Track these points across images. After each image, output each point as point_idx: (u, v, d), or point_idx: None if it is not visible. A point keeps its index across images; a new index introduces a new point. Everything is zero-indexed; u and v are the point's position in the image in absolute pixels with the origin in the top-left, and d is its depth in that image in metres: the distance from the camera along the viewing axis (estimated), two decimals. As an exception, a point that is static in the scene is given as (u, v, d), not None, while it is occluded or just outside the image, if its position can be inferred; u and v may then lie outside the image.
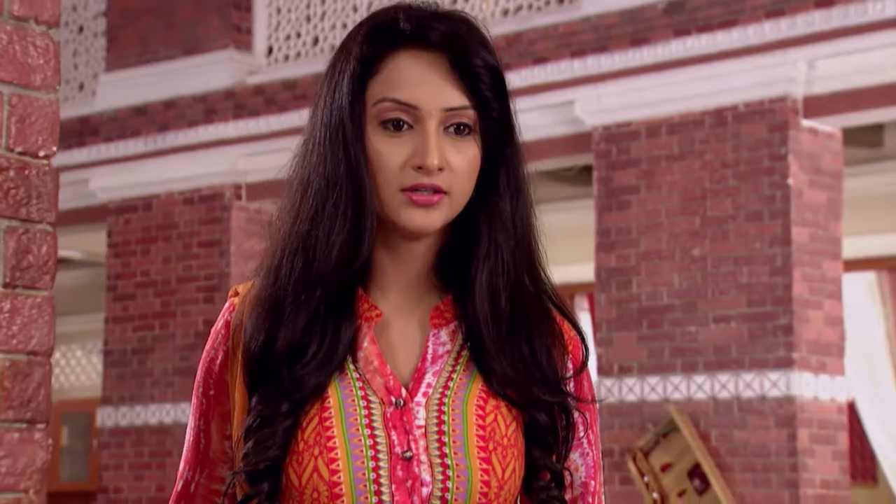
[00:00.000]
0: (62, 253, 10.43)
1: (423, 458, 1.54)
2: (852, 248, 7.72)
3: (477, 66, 1.58)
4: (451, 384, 1.58)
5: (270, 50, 8.40)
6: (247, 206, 8.20)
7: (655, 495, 6.58)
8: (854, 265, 8.27)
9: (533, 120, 7.10)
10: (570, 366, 1.64)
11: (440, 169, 1.56)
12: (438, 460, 1.54)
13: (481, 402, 1.58)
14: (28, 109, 1.62)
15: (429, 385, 1.58)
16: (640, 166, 6.84)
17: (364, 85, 1.58)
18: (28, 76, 1.62)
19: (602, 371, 6.84)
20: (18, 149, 1.61)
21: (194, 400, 1.66)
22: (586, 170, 7.75)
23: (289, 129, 7.99)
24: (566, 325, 1.66)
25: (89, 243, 9.73)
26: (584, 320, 9.36)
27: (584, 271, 7.67)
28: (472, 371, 1.60)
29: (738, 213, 6.58)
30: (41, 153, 1.63)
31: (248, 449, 1.56)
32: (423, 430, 1.55)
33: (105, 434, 8.39)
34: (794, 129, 6.56)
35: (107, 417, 8.38)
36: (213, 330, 1.66)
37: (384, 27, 1.60)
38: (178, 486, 1.65)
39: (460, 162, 1.57)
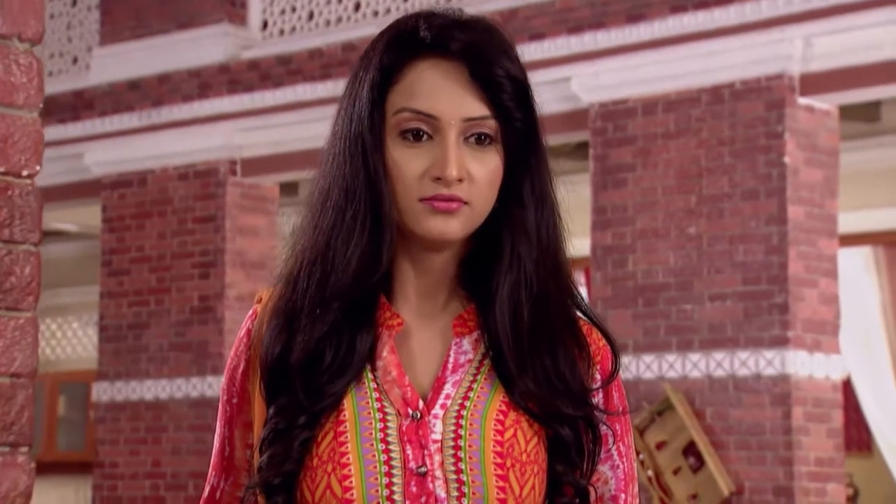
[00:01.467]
0: (57, 225, 10.42)
1: (438, 473, 1.52)
2: (849, 223, 7.71)
3: (498, 75, 1.55)
4: (471, 395, 1.56)
5: (265, 24, 8.35)
6: (242, 182, 8.17)
7: (650, 473, 6.59)
8: (850, 240, 8.27)
9: (529, 97, 7.07)
10: (597, 377, 1.62)
11: (460, 180, 1.54)
12: (454, 476, 1.52)
13: (501, 417, 1.55)
14: (11, 129, 1.60)
15: (447, 396, 1.56)
16: (636, 144, 6.82)
17: (384, 94, 1.57)
18: (11, 95, 1.60)
19: (597, 349, 6.84)
20: (1, 168, 1.59)
21: (220, 406, 1.65)
22: (583, 144, 7.72)
23: (284, 104, 7.96)
24: (595, 335, 1.64)
25: (84, 216, 9.72)
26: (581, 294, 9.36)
27: (580, 246, 7.66)
28: (493, 381, 1.57)
29: (734, 192, 6.56)
30: (24, 173, 1.61)
31: (262, 462, 1.55)
32: (439, 444, 1.53)
33: (101, 409, 8.40)
34: (790, 107, 6.53)
35: (102, 392, 8.39)
36: (237, 337, 1.65)
37: (405, 36, 1.58)
38: (206, 491, 1.65)
39: (481, 172, 1.55)
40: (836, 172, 6.69)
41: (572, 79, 7.00)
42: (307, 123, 7.75)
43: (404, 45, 1.57)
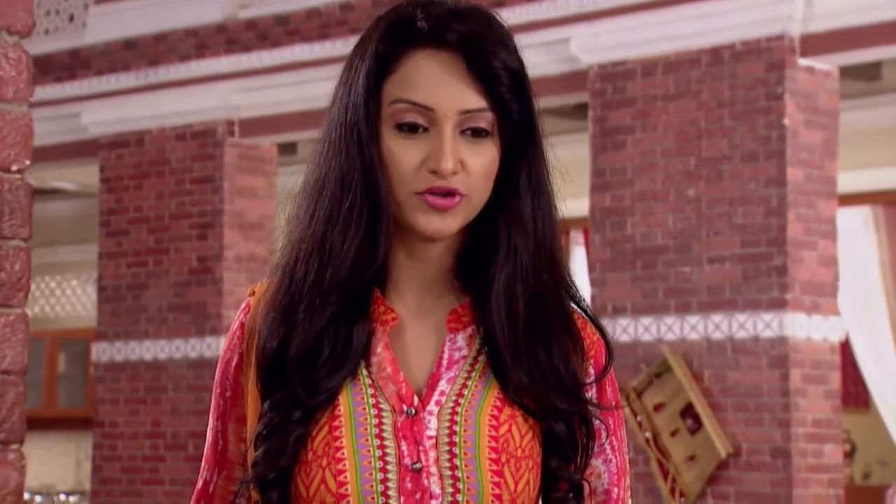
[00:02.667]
0: (55, 183, 10.40)
1: (433, 469, 1.52)
2: (848, 182, 7.69)
3: (495, 67, 1.54)
4: (465, 391, 1.56)
5: (263, -17, 8.30)
6: (240, 143, 8.15)
7: (648, 434, 6.61)
8: (850, 199, 8.25)
9: (528, 58, 7.01)
10: (591, 371, 1.61)
11: (455, 173, 1.53)
12: (449, 472, 1.52)
13: (495, 412, 1.55)
14: (0, 123, 1.59)
15: (442, 393, 1.55)
16: (635, 106, 6.79)
17: (380, 84, 1.55)
18: (0, 88, 1.59)
19: (596, 311, 6.83)
20: (-10, 163, 1.58)
21: (213, 400, 1.65)
22: (581, 105, 7.69)
23: (281, 64, 7.92)
24: (589, 329, 1.63)
25: (82, 175, 9.70)
26: (579, 255, 9.37)
27: (579, 206, 7.65)
28: (488, 377, 1.57)
29: (734, 154, 6.54)
30: (14, 167, 1.60)
31: (257, 457, 1.55)
32: (433, 440, 1.53)
33: (100, 369, 8.42)
34: (790, 68, 6.50)
35: (102, 352, 8.40)
36: (229, 330, 1.64)
37: (401, 25, 1.56)
38: (199, 484, 1.65)
39: (477, 164, 1.54)
40: (835, 134, 6.67)
41: (571, 40, 6.96)
42: (305, 84, 7.71)
43: (401, 34, 1.56)
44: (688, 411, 6.51)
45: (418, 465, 1.52)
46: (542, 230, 1.58)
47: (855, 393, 10.40)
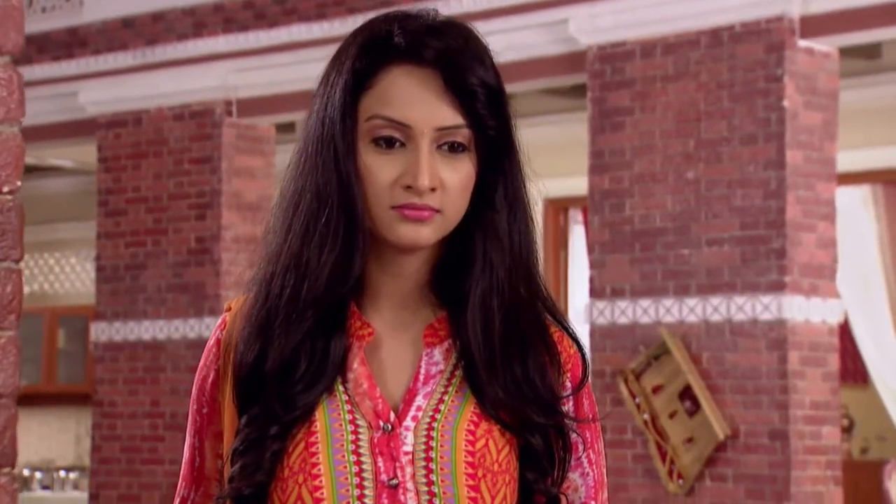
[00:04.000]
0: (53, 161, 10.38)
1: (410, 485, 1.52)
2: (848, 161, 7.67)
3: (472, 84, 1.54)
4: (441, 407, 1.56)
5: (260, -39, 8.25)
6: (238, 123, 8.12)
7: (646, 416, 6.62)
8: (849, 178, 8.23)
9: (526, 39, 7.00)
10: (568, 384, 1.61)
11: (432, 189, 1.53)
12: (425, 488, 1.52)
13: (472, 427, 1.55)
14: (-10, 144, 1.58)
15: (419, 408, 1.56)
16: (634, 87, 6.76)
17: (356, 99, 1.55)
18: (-10, 109, 1.58)
19: (594, 293, 6.84)
20: (-20, 185, 1.57)
21: (190, 416, 1.65)
22: (578, 84, 7.67)
23: (279, 44, 7.89)
24: (566, 342, 1.63)
25: (80, 153, 9.68)
26: (578, 234, 9.35)
27: (578, 185, 7.63)
28: (465, 391, 1.57)
29: (733, 136, 6.52)
30: (5, 188, 1.59)
31: (234, 472, 1.55)
32: (410, 456, 1.53)
33: (99, 348, 8.42)
34: (790, 50, 6.47)
35: (101, 332, 8.40)
36: (206, 346, 1.65)
37: (378, 41, 1.56)
38: (176, 502, 1.65)
39: (453, 180, 1.54)
40: (835, 115, 6.64)
41: (570, 21, 6.93)
42: (302, 64, 7.68)
43: (378, 50, 1.56)
44: (686, 393, 6.52)
45: (395, 482, 1.52)
46: (518, 244, 1.59)
47: (854, 369, 10.41)
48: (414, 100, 1.53)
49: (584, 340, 6.14)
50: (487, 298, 1.56)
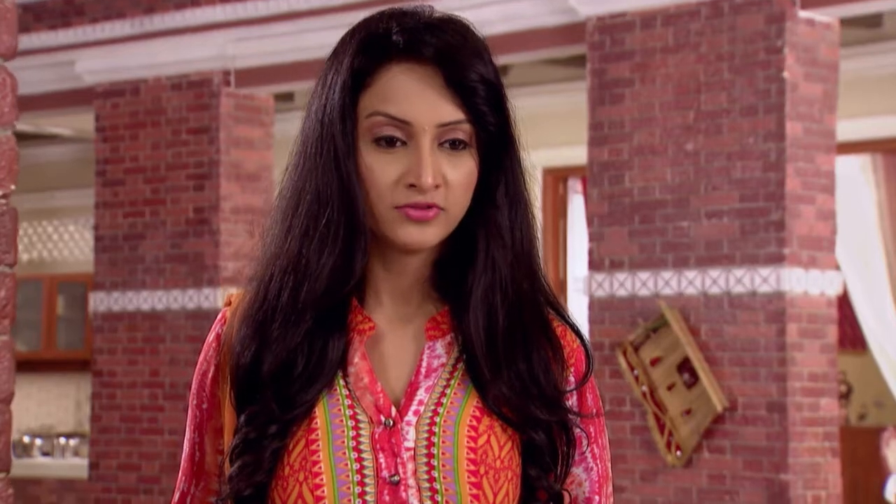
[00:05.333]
0: (50, 129, 10.34)
1: (412, 482, 1.52)
2: (848, 130, 7.65)
3: (472, 80, 1.53)
4: (444, 401, 1.56)
5: (258, -71, 8.19)
6: (236, 93, 8.09)
7: (644, 388, 6.63)
8: (849, 148, 8.21)
9: (525, 9, 6.97)
10: (571, 379, 1.61)
11: (436, 187, 1.52)
12: (427, 485, 1.52)
13: (474, 423, 1.55)
14: (-16, 148, 1.57)
15: (420, 402, 1.55)
16: (633, 59, 6.73)
17: (355, 98, 1.55)
18: (-17, 112, 1.56)
19: (593, 266, 6.84)
20: (-26, 189, 1.56)
21: (189, 411, 1.65)
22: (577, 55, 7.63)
23: (277, 14, 7.84)
24: (568, 336, 1.63)
25: (78, 121, 9.65)
26: (577, 203, 9.34)
27: (577, 154, 7.61)
28: (467, 385, 1.57)
29: (733, 107, 6.50)
30: (-1, 192, 1.58)
31: (233, 472, 1.54)
32: (412, 452, 1.53)
33: (98, 318, 8.42)
34: (790, 21, 6.44)
35: (99, 302, 8.40)
36: (205, 342, 1.64)
37: (376, 39, 1.55)
38: (175, 497, 1.65)
39: (456, 177, 1.54)
40: (835, 87, 6.61)
41: (570, -9, 6.89)
42: (301, 34, 7.65)
43: (376, 48, 1.55)
44: (684, 366, 6.52)
45: (396, 478, 1.52)
46: (520, 240, 1.58)
47: (852, 335, 10.43)
48: (414, 97, 1.52)
49: (583, 313, 6.11)
50: (490, 295, 1.56)
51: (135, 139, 8.25)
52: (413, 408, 1.55)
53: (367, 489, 1.52)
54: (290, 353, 1.54)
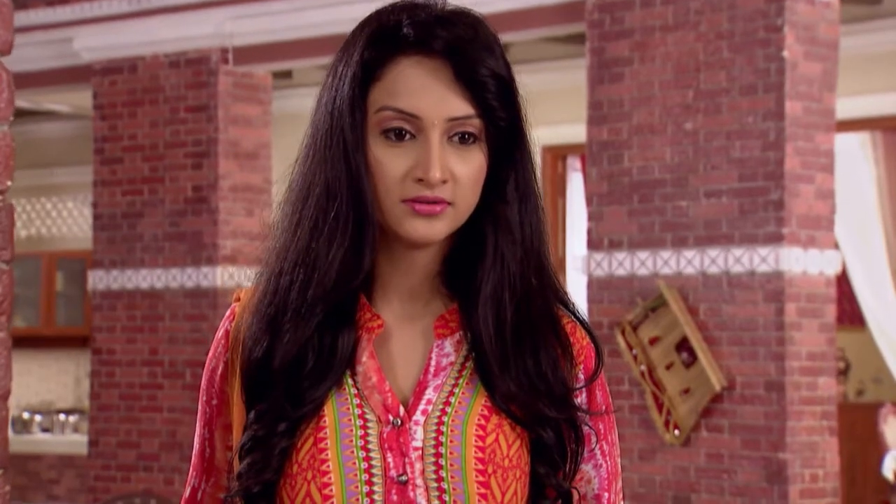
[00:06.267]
0: (48, 106, 10.31)
1: (419, 481, 1.52)
2: (847, 108, 7.63)
3: (482, 74, 1.52)
4: (452, 400, 1.55)
5: None
6: (234, 71, 8.06)
7: (643, 368, 6.63)
8: (849, 125, 8.20)
9: (525, -13, 6.94)
10: (580, 376, 1.61)
11: (444, 181, 1.52)
12: (435, 484, 1.52)
13: (482, 421, 1.54)
14: (-20, 144, 1.56)
15: (429, 402, 1.55)
16: (633, 37, 6.71)
17: (365, 91, 1.54)
18: (-21, 108, 1.56)
19: (592, 245, 6.83)
20: (-30, 186, 1.55)
21: (199, 407, 1.64)
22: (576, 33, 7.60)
23: (276, -9, 7.81)
24: (578, 333, 1.62)
25: (76, 98, 9.62)
26: (577, 181, 9.33)
27: (577, 132, 7.60)
28: (475, 384, 1.56)
29: (732, 86, 6.48)
30: (-5, 188, 1.58)
31: (242, 469, 1.54)
32: (419, 451, 1.53)
33: (97, 296, 8.42)
34: (790, -1, 6.42)
35: (98, 280, 8.39)
36: (215, 337, 1.63)
37: (387, 31, 1.54)
38: (186, 492, 1.65)
39: (465, 172, 1.53)
40: (835, 66, 6.59)
41: (569, -32, 6.87)
42: (300, 11, 7.61)
43: (386, 41, 1.54)
44: (683, 345, 6.53)
45: (404, 478, 1.52)
46: (529, 236, 1.58)
47: (851, 312, 10.43)
48: (424, 90, 1.52)
49: (582, 292, 6.09)
50: (499, 291, 1.56)
51: (133, 117, 8.23)
52: (421, 407, 1.55)
53: (375, 488, 1.51)
54: (301, 349, 1.54)
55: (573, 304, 1.64)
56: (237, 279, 7.81)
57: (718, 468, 6.46)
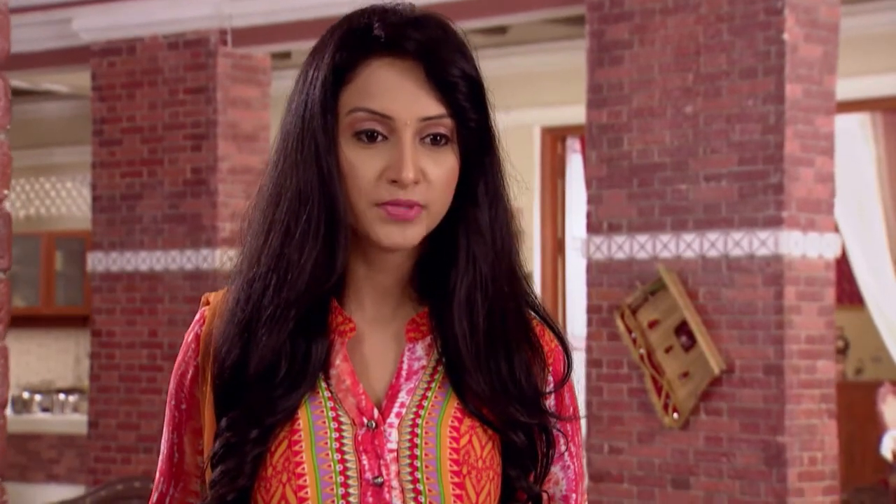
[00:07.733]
0: (47, 86, 10.29)
1: (395, 483, 1.53)
2: (847, 89, 7.62)
3: (454, 75, 1.53)
4: (425, 403, 1.56)
5: None
6: (233, 52, 8.04)
7: (642, 351, 6.64)
8: (848, 106, 8.18)
9: (524, -30, 6.92)
10: (550, 379, 1.61)
11: (416, 182, 1.52)
12: (410, 486, 1.52)
13: (456, 423, 1.55)
14: (-23, 153, 1.55)
15: (402, 405, 1.55)
16: (633, 20, 6.68)
17: (337, 94, 1.54)
18: (-24, 117, 1.55)
19: (592, 228, 6.83)
20: (-33, 195, 1.55)
21: (167, 412, 1.63)
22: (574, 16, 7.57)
23: (274, -28, 7.78)
24: (547, 336, 1.62)
25: (75, 79, 9.60)
26: (576, 162, 9.31)
27: (576, 113, 7.59)
28: (447, 388, 1.57)
29: (732, 69, 6.46)
30: (-8, 196, 1.57)
31: (215, 477, 1.54)
32: (395, 453, 1.53)
33: (96, 278, 8.42)
34: (791, -19, 6.39)
35: (97, 262, 8.39)
36: (184, 342, 1.62)
37: (358, 34, 1.54)
38: (154, 497, 1.64)
39: (438, 173, 1.53)
40: (835, 48, 6.58)
41: (569, -50, 6.84)
42: (298, -7, 7.59)
43: (357, 43, 1.54)
44: (682, 328, 6.53)
45: (380, 480, 1.52)
46: (500, 239, 1.58)
47: (850, 291, 10.44)
48: (395, 91, 1.52)
49: (581, 276, 6.07)
50: (471, 294, 1.56)
51: (132, 98, 8.21)
52: (395, 410, 1.55)
53: (351, 490, 1.52)
54: (275, 355, 1.53)
55: (542, 308, 1.64)
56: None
57: (717, 451, 6.48)
